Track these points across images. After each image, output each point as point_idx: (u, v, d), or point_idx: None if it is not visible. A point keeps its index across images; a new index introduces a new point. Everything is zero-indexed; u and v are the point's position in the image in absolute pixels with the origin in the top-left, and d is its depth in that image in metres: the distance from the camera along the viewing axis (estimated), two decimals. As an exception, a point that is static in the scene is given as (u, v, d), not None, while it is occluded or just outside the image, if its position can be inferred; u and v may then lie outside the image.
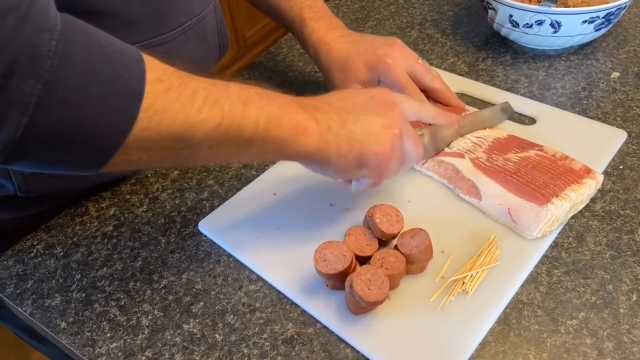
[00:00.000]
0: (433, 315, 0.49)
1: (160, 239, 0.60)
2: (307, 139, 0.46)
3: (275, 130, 0.44)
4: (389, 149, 0.49)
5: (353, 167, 0.50)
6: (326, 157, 0.48)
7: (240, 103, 0.43)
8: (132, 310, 0.53)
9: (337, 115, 0.49)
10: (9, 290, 0.56)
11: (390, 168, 0.51)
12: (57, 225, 0.63)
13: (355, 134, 0.48)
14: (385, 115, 0.50)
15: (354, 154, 0.49)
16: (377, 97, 0.52)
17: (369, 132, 0.49)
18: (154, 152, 0.40)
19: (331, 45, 0.67)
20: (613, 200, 0.58)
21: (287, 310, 0.52)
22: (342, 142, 0.48)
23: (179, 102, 0.39)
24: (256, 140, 0.44)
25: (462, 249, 0.54)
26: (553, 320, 0.48)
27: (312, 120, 0.47)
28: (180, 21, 0.62)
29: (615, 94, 0.71)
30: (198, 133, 0.40)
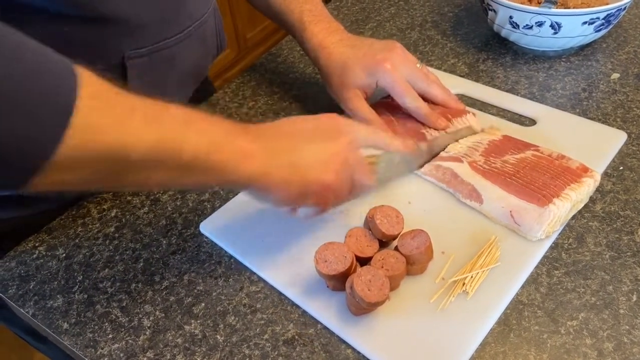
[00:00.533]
0: (433, 316, 0.49)
1: (161, 240, 0.60)
2: (250, 165, 0.45)
3: (217, 154, 0.43)
4: (334, 177, 0.48)
5: (297, 195, 0.48)
6: (269, 184, 0.46)
7: (181, 124, 0.41)
8: (133, 311, 0.53)
9: (282, 141, 0.48)
10: (11, 291, 0.57)
11: (337, 196, 0.50)
12: (59, 226, 0.63)
13: (300, 161, 0.47)
14: (331, 142, 0.49)
15: (297, 181, 0.47)
16: (325, 124, 0.51)
17: (313, 160, 0.48)
18: (87, 173, 0.38)
19: (330, 49, 0.67)
20: (613, 201, 0.58)
21: (288, 311, 0.52)
22: (286, 169, 0.47)
23: (114, 119, 0.37)
24: (197, 165, 0.42)
25: (462, 250, 0.54)
26: (553, 321, 0.49)
27: (256, 145, 0.46)
28: (184, 25, 0.63)
29: (615, 95, 0.71)
30: (134, 153, 0.38)
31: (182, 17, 0.63)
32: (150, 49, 0.60)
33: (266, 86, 0.82)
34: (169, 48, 0.62)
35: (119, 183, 0.41)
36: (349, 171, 0.50)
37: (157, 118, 0.39)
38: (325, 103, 0.76)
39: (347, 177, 0.50)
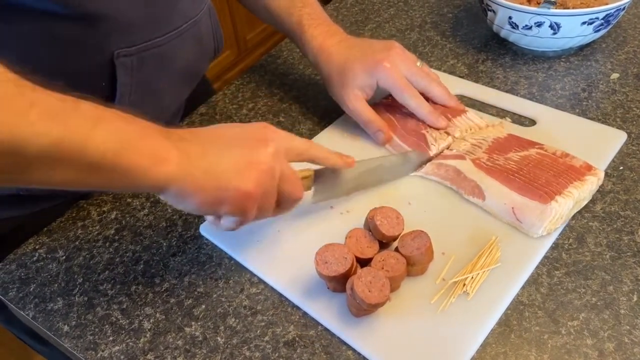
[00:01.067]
0: (434, 317, 0.49)
1: (161, 242, 0.60)
2: (162, 169, 0.42)
3: (127, 155, 0.40)
4: (252, 186, 0.46)
5: (213, 203, 0.46)
6: (183, 189, 0.44)
7: (88, 122, 0.39)
8: (134, 313, 0.53)
9: (200, 145, 0.46)
10: (11, 294, 0.57)
11: (258, 207, 0.48)
12: (59, 229, 0.63)
13: (217, 166, 0.45)
14: (254, 150, 0.47)
15: (212, 187, 0.45)
16: (250, 131, 0.49)
17: (231, 167, 0.46)
18: None
19: (330, 51, 0.68)
20: (613, 201, 0.58)
21: (288, 313, 0.52)
22: (201, 174, 0.44)
23: (9, 112, 0.35)
24: (103, 165, 0.40)
25: (462, 250, 0.54)
26: (554, 322, 0.48)
27: (172, 148, 0.43)
28: (176, 24, 0.63)
29: (615, 95, 0.71)
30: (31, 148, 0.36)
31: (173, 16, 0.62)
32: (140, 47, 0.59)
33: (266, 88, 0.82)
34: (160, 47, 0.61)
35: (21, 178, 0.39)
36: (272, 182, 0.47)
37: (60, 115, 0.38)
38: (325, 104, 0.76)
39: (271, 188, 0.48)
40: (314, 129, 0.73)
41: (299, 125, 0.74)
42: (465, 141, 0.65)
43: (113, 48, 0.57)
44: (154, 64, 0.62)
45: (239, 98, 0.80)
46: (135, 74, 0.60)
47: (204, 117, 0.78)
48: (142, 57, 0.60)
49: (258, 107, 0.78)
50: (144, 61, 0.60)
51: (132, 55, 0.58)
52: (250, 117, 0.76)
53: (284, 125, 0.74)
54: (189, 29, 0.65)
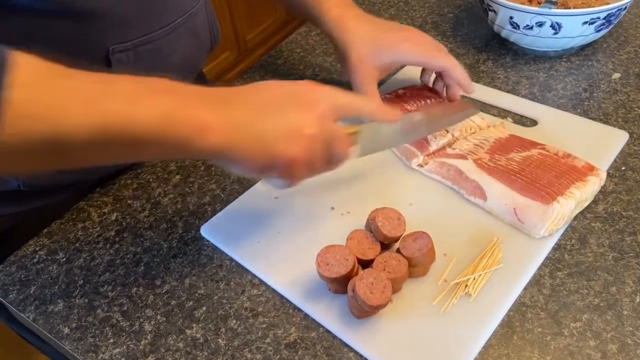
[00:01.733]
0: (436, 318, 0.49)
1: (162, 244, 0.60)
2: (210, 137, 0.42)
3: (170, 128, 0.40)
4: (302, 151, 0.46)
5: (262, 168, 0.46)
6: (232, 156, 0.44)
7: (128, 101, 0.39)
8: (134, 315, 0.53)
9: (250, 110, 0.45)
10: (11, 296, 0.56)
11: (308, 169, 0.48)
12: (59, 230, 0.63)
13: (267, 133, 0.45)
14: (303, 114, 0.46)
15: (262, 154, 0.45)
16: (298, 93, 0.48)
17: (282, 132, 0.45)
18: (26, 160, 0.38)
19: (348, 23, 0.65)
20: (615, 202, 0.58)
21: (289, 315, 0.52)
22: (250, 142, 0.44)
23: (51, 106, 0.36)
24: (149, 140, 0.40)
25: (464, 251, 0.54)
26: (556, 323, 0.48)
27: (217, 116, 0.43)
28: (171, 18, 0.62)
29: (616, 95, 0.71)
30: (76, 138, 0.37)
31: (168, 10, 0.62)
32: (135, 42, 0.59)
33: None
34: (155, 41, 0.61)
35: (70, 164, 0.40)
36: (321, 143, 0.47)
37: (99, 99, 0.38)
38: (325, 105, 0.76)
39: (320, 149, 0.47)
40: (315, 130, 0.73)
41: (299, 126, 0.74)
42: (468, 141, 0.64)
43: (108, 44, 0.56)
44: (151, 59, 0.62)
45: (240, 99, 0.80)
46: (131, 69, 0.60)
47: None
48: (138, 52, 0.59)
49: (258, 108, 0.78)
50: (140, 56, 0.60)
51: (128, 50, 0.58)
52: (250, 118, 0.76)
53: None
54: (185, 23, 0.65)
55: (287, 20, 2.52)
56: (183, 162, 0.70)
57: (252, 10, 2.28)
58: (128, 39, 0.58)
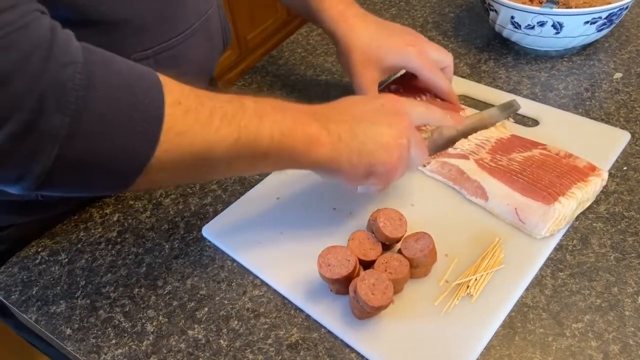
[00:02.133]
0: (438, 319, 0.49)
1: (164, 245, 0.60)
2: (319, 150, 0.48)
3: (288, 142, 0.46)
4: (397, 160, 0.51)
5: (362, 176, 0.51)
6: (337, 167, 0.50)
7: (255, 118, 0.44)
8: (136, 316, 0.53)
9: (348, 125, 0.50)
10: (14, 297, 0.57)
11: (398, 175, 0.53)
12: (62, 231, 0.63)
13: (366, 145, 0.50)
14: (394, 126, 0.51)
15: (364, 164, 0.50)
16: (387, 106, 0.53)
17: (379, 144, 0.50)
18: (176, 172, 0.43)
19: (352, 22, 0.66)
20: (617, 202, 0.58)
21: (291, 316, 0.52)
22: (353, 153, 0.49)
23: (197, 123, 0.41)
24: (271, 153, 0.46)
25: (465, 252, 0.54)
26: (558, 324, 0.48)
27: (324, 131, 0.48)
28: (189, 22, 0.63)
29: (618, 95, 0.71)
30: (217, 151, 0.42)
31: (185, 15, 0.62)
32: (156, 49, 0.59)
33: (267, 89, 0.82)
34: (175, 47, 0.62)
35: (205, 176, 0.49)
36: (408, 152, 0.52)
37: (234, 117, 0.43)
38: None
39: (407, 157, 0.53)
40: (316, 130, 0.73)
41: (301, 127, 0.74)
42: (469, 141, 0.64)
43: (129, 52, 0.57)
44: (170, 65, 0.62)
45: (241, 99, 0.80)
46: None
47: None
48: (158, 59, 0.60)
49: (260, 108, 0.78)
50: (160, 63, 0.60)
51: (149, 58, 0.59)
52: (252, 119, 0.76)
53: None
54: (201, 27, 0.65)
55: (288, 20, 2.51)
56: (184, 163, 0.70)
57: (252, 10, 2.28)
58: (148, 47, 0.59)
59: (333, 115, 0.51)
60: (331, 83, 0.81)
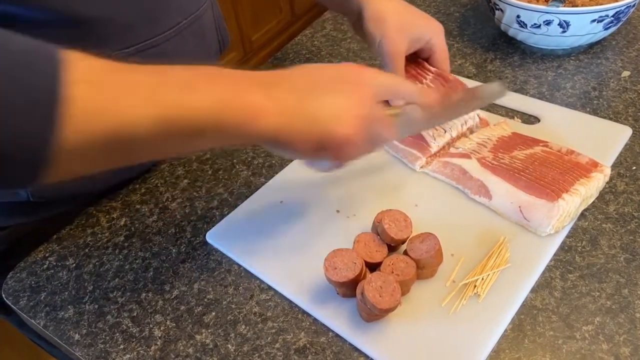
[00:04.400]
0: (445, 320, 0.49)
1: (171, 249, 0.60)
2: (263, 121, 0.43)
3: (226, 114, 0.41)
4: (352, 132, 0.46)
5: (314, 149, 0.46)
6: (286, 139, 0.45)
7: (185, 90, 0.39)
8: (144, 321, 0.53)
9: (298, 93, 0.45)
10: (22, 302, 0.57)
11: (355, 151, 0.48)
12: (69, 236, 0.63)
13: (316, 116, 0.45)
14: (351, 95, 0.46)
15: (314, 136, 0.45)
16: (346, 74, 0.48)
17: (331, 114, 0.45)
18: (93, 158, 0.38)
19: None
20: (627, 202, 0.57)
21: (299, 319, 0.52)
22: (302, 123, 0.45)
23: (109, 101, 0.36)
24: (207, 129, 0.41)
25: (471, 251, 0.54)
26: (568, 326, 0.48)
27: (268, 100, 0.43)
28: (174, 21, 0.62)
29: (626, 93, 0.70)
30: (138, 131, 0.37)
31: (170, 14, 0.62)
32: (138, 47, 0.59)
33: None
34: (160, 45, 0.61)
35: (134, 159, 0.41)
36: (368, 125, 0.47)
37: (155, 90, 0.38)
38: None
39: (367, 131, 0.47)
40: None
41: (306, 129, 0.74)
42: (471, 140, 0.64)
43: (111, 50, 0.57)
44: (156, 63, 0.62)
45: (246, 102, 0.80)
46: None
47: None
48: (142, 57, 0.59)
49: (265, 111, 0.78)
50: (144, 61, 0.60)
51: (131, 55, 0.58)
52: (257, 121, 0.76)
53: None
54: (190, 26, 0.65)
55: (292, 21, 2.52)
56: (190, 167, 0.70)
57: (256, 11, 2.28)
58: (131, 44, 0.58)
59: (281, 83, 0.45)
60: (336, 84, 0.81)
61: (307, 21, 2.52)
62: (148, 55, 0.60)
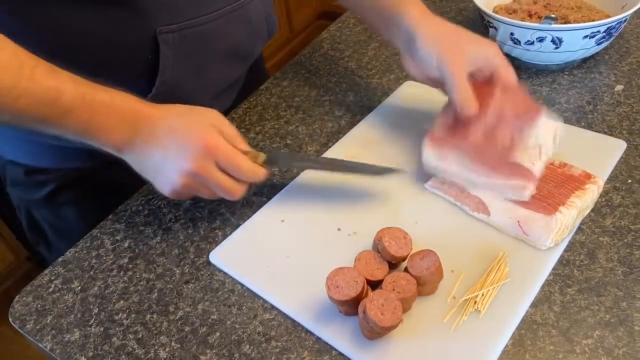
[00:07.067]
0: (447, 336, 0.49)
1: (174, 270, 0.61)
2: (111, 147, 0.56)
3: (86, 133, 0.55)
4: (170, 192, 0.57)
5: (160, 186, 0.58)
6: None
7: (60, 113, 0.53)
8: (149, 342, 0.54)
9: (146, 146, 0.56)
10: (29, 326, 0.57)
11: (187, 196, 0.59)
12: (74, 259, 0.64)
13: (147, 168, 0.57)
14: (183, 159, 0.55)
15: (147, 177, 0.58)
16: (187, 142, 0.55)
17: (155, 172, 0.57)
18: None
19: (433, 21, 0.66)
20: (623, 215, 0.58)
21: (302, 338, 0.52)
22: (137, 166, 0.58)
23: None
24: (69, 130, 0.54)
25: (471, 267, 0.55)
26: (568, 341, 0.48)
27: (125, 145, 0.56)
28: (219, 5, 0.65)
29: (620, 107, 0.72)
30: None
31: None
32: (182, 25, 0.62)
33: (272, 110, 0.83)
34: (202, 25, 0.64)
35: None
36: (198, 183, 0.56)
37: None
38: (331, 125, 0.77)
39: (198, 187, 0.57)
40: (321, 150, 0.74)
41: (305, 147, 0.75)
42: None
43: (155, 26, 0.61)
44: (196, 41, 0.65)
45: (246, 122, 0.81)
46: (177, 49, 0.64)
47: (213, 142, 0.79)
48: (184, 35, 0.63)
49: (265, 131, 0.79)
50: (185, 38, 0.64)
51: (174, 32, 0.62)
52: (258, 141, 0.77)
53: (291, 147, 0.75)
54: (236, 10, 0.68)
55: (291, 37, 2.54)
56: (193, 187, 0.71)
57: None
58: (175, 22, 0.62)
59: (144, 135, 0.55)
60: (335, 103, 0.82)
61: (305, 39, 2.55)
62: (190, 33, 0.64)
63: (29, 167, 0.74)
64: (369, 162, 0.67)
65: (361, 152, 0.71)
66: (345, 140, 0.74)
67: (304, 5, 2.54)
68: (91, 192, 0.77)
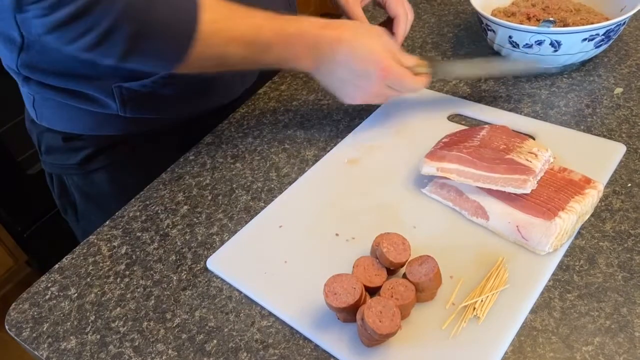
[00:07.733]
0: (446, 343, 0.49)
1: (172, 277, 0.60)
2: (300, 64, 0.67)
3: (283, 55, 0.65)
4: (348, 102, 0.70)
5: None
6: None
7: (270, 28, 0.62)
8: (146, 350, 0.53)
9: (333, 74, 0.67)
10: (25, 334, 0.57)
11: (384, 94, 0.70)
12: (71, 265, 0.64)
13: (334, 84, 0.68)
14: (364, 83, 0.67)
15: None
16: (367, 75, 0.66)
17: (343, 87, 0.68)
18: (206, 66, 0.60)
19: None
20: (623, 220, 0.58)
21: (300, 346, 0.52)
22: (323, 78, 0.69)
23: (225, 40, 0.59)
24: (272, 53, 0.63)
25: (470, 273, 0.54)
26: (568, 347, 0.48)
27: (313, 64, 0.66)
28: None
29: (619, 110, 0.71)
30: (235, 57, 0.62)
31: None
32: None
33: (270, 115, 0.83)
34: None
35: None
36: (373, 97, 0.69)
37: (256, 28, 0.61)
38: (329, 129, 0.77)
39: (373, 99, 0.70)
40: (319, 155, 0.73)
41: (304, 151, 0.74)
42: None
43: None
44: None
45: (244, 126, 0.81)
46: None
47: (211, 146, 0.78)
48: None
49: (263, 135, 0.79)
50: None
51: None
52: (255, 145, 0.77)
53: (289, 151, 0.75)
54: None
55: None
56: (190, 192, 0.71)
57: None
58: None
59: (325, 56, 0.65)
60: (333, 107, 0.82)
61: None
62: None
63: (67, 133, 0.78)
64: (368, 166, 0.69)
65: (360, 156, 0.71)
66: (343, 144, 0.73)
67: (303, 6, 2.55)
68: (122, 159, 0.80)
